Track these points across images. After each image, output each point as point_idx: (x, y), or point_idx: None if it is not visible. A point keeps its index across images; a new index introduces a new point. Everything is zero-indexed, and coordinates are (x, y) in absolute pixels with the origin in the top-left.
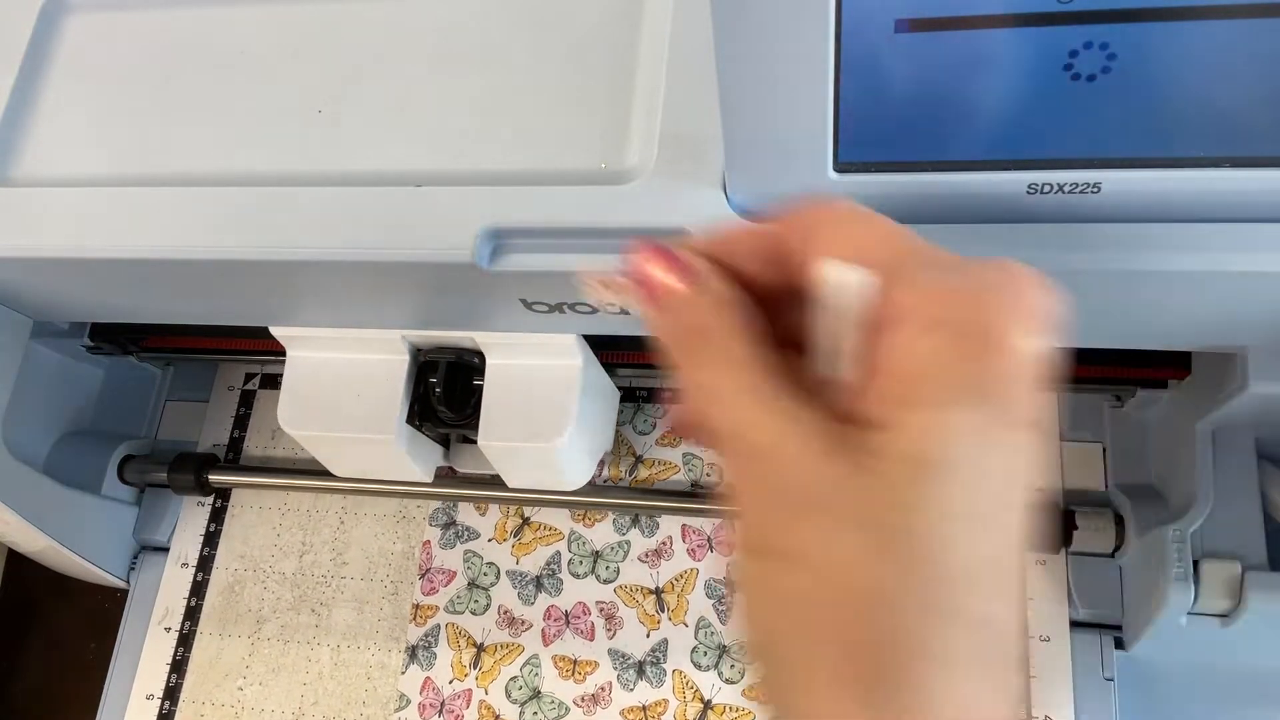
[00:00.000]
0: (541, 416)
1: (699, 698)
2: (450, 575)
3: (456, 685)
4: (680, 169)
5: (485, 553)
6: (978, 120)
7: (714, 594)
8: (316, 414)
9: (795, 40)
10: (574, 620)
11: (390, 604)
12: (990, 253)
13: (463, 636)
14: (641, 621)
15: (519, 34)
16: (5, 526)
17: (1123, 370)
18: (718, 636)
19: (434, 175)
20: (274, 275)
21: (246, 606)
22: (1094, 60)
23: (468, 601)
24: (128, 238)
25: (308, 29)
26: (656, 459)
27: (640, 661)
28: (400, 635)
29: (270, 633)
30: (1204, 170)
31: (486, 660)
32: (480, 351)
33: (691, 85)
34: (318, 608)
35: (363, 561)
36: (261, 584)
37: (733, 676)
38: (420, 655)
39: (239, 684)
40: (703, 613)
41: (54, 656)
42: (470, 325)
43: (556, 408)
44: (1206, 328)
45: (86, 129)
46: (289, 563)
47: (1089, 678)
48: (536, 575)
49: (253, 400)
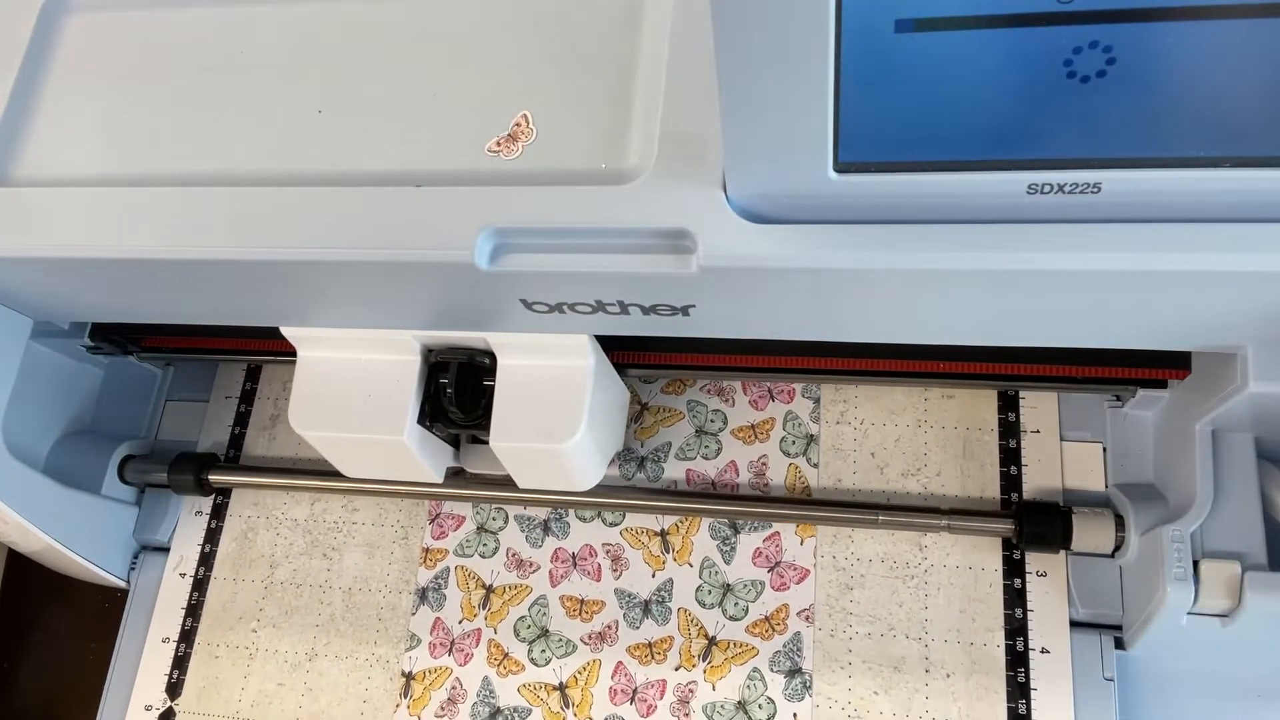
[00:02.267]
0: (553, 417)
1: (704, 634)
2: (459, 520)
3: (466, 625)
4: (680, 169)
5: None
6: (978, 120)
7: (718, 535)
8: (327, 415)
9: (795, 40)
10: (581, 562)
11: (400, 548)
12: (990, 252)
13: (472, 578)
14: (647, 562)
15: (519, 34)
16: (5, 526)
17: (1123, 370)
18: (722, 576)
19: (434, 175)
20: (273, 275)
21: (259, 552)
22: (1094, 60)
23: (476, 545)
24: (128, 238)
25: (308, 29)
26: (662, 405)
27: (646, 600)
28: (410, 577)
29: (283, 576)
30: (1204, 170)
31: (495, 601)
32: (491, 352)
33: (691, 85)
34: (329, 552)
35: (373, 508)
36: (274, 530)
37: (736, 614)
38: (430, 596)
39: (253, 626)
40: (707, 553)
41: (54, 657)
42: (476, 325)
43: (568, 408)
44: (1206, 328)
45: (86, 129)
46: (301, 509)
47: (1089, 678)
48: (544, 519)
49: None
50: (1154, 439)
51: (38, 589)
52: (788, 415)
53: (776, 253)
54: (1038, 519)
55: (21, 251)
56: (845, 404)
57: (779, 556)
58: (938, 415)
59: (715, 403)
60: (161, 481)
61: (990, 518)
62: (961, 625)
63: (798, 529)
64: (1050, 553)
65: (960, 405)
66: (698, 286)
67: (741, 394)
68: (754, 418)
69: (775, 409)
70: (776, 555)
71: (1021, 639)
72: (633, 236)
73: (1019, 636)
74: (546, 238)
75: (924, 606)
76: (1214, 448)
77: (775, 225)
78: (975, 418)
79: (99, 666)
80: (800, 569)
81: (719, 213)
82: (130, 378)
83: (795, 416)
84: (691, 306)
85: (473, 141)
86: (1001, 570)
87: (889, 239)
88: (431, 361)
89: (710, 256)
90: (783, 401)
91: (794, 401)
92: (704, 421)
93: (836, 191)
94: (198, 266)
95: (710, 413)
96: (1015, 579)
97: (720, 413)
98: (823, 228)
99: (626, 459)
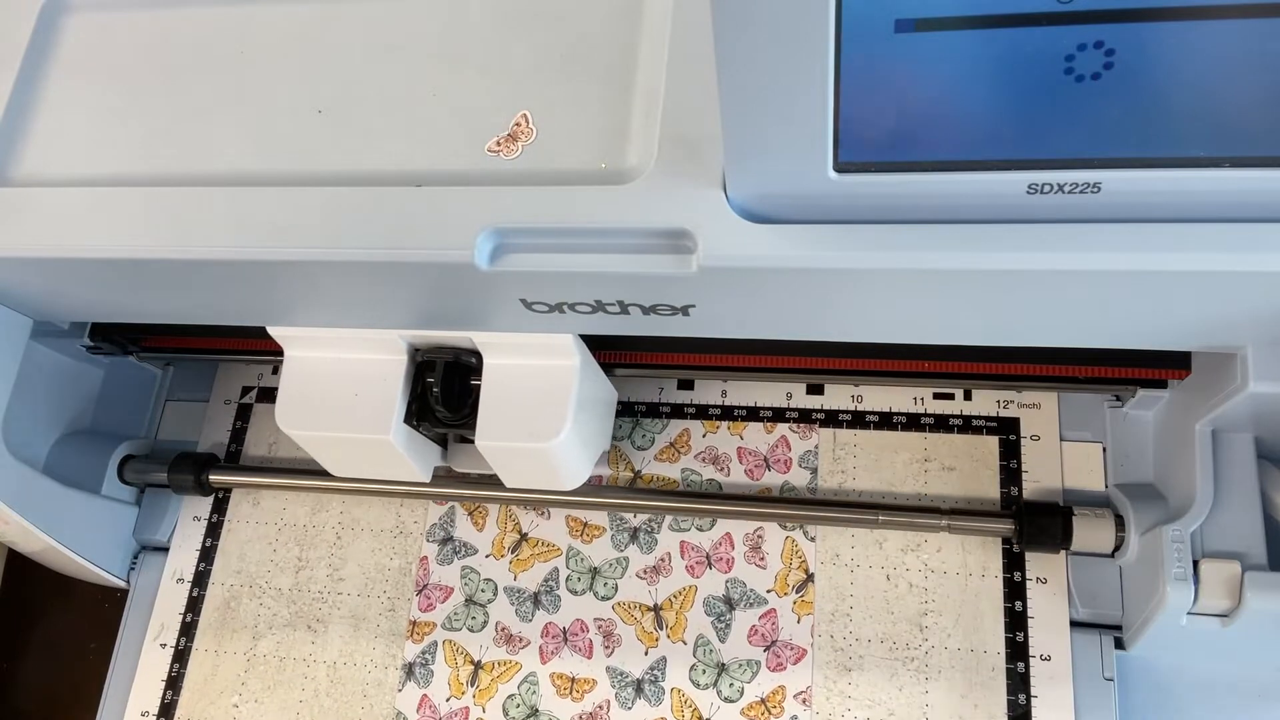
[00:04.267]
0: (538, 416)
1: (697, 716)
2: (447, 591)
3: (454, 703)
4: (680, 169)
5: (483, 569)
6: (978, 120)
7: (713, 611)
8: (314, 414)
9: (795, 40)
10: (572, 637)
11: (387, 620)
12: (990, 252)
13: (460, 653)
14: (639, 639)
15: (519, 34)
16: (5, 526)
17: (1123, 370)
18: (716, 654)
19: (434, 175)
20: (273, 275)
21: (242, 622)
22: (1094, 60)
23: (465, 618)
24: (127, 237)
25: (308, 29)
26: (656, 474)
27: (638, 679)
28: (397, 652)
29: (266, 649)
30: (1204, 170)
31: (484, 678)
32: (477, 351)
33: (691, 85)
34: (314, 624)
35: (359, 577)
36: (258, 599)
37: (731, 695)
38: (417, 672)
39: (234, 701)
40: (701, 630)
41: (54, 656)
42: (468, 325)
43: (553, 408)
44: (1206, 328)
45: (86, 129)
46: (285, 578)
47: (1089, 678)
48: (534, 592)
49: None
50: (1154, 439)
51: (38, 589)
52: (784, 486)
53: (776, 253)
54: (1038, 519)
55: (21, 251)
56: (844, 474)
57: (775, 635)
58: (938, 486)
59: (710, 471)
60: (161, 481)
61: (990, 518)
62: (964, 712)
63: (794, 606)
64: (1050, 553)
65: (962, 480)
66: (698, 286)
67: (737, 462)
68: (750, 487)
69: (771, 478)
70: (773, 633)
71: (1023, 663)
72: (633, 236)
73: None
74: (546, 238)
75: (924, 691)
76: (1214, 448)
77: (775, 225)
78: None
79: (99, 667)
80: (797, 649)
81: (719, 213)
82: (130, 378)
83: (791, 488)
84: (691, 306)
85: (473, 141)
86: (1004, 651)
87: (889, 239)
88: (418, 361)
89: (710, 256)
90: (779, 471)
91: (790, 471)
92: (700, 488)
93: (836, 191)
94: (197, 266)
95: (705, 482)
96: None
97: (715, 482)
98: (823, 228)
99: (619, 529)
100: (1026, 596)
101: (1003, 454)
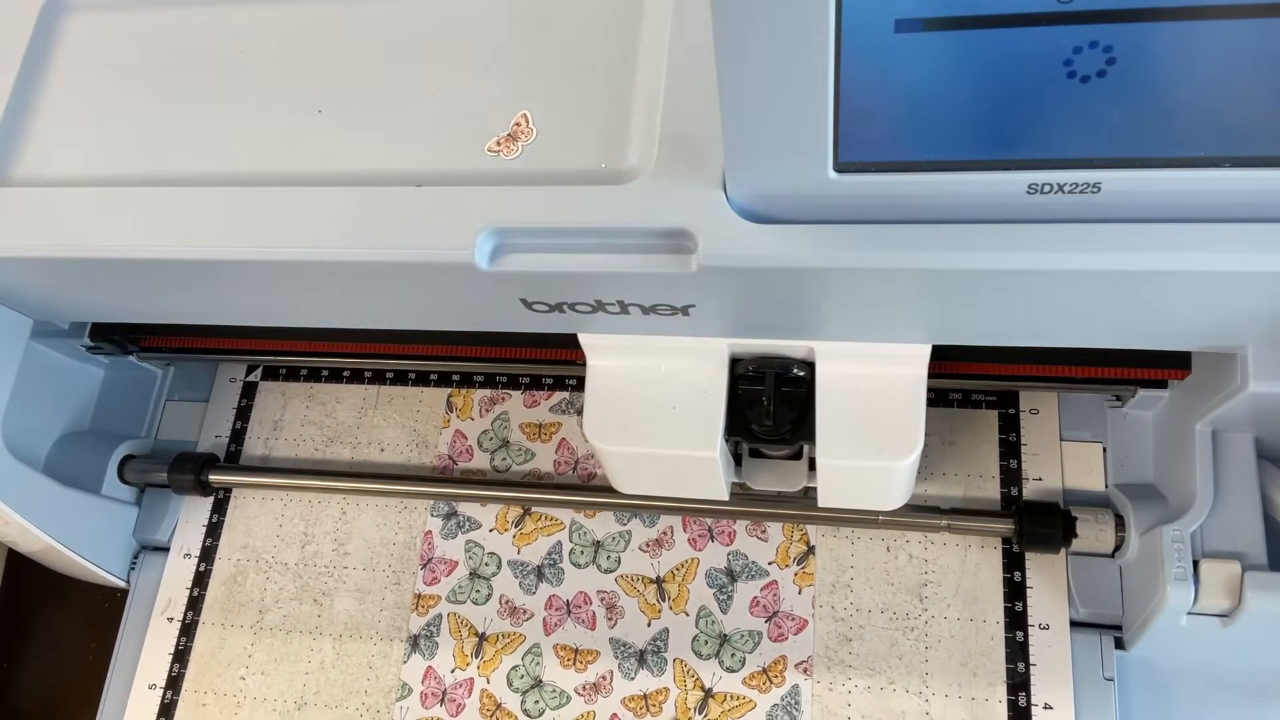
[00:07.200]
0: (887, 432)
1: (700, 686)
2: (452, 565)
3: (458, 674)
4: (680, 169)
5: (486, 543)
6: (978, 120)
7: (714, 583)
8: (629, 429)
9: (795, 40)
10: (575, 610)
11: (392, 594)
12: (990, 252)
13: (464, 626)
14: (642, 610)
15: (519, 34)
16: (5, 526)
17: (1123, 370)
18: (718, 625)
19: (434, 175)
20: (273, 275)
21: (249, 596)
22: (1094, 60)
23: (469, 591)
24: (128, 237)
25: (308, 29)
26: None
27: (641, 650)
28: (402, 625)
29: (272, 622)
30: (1204, 170)
31: (488, 649)
32: (804, 360)
33: (691, 85)
34: (320, 598)
35: (365, 552)
36: (264, 574)
37: (733, 665)
38: (422, 644)
39: (241, 673)
40: (703, 602)
41: (54, 656)
42: (803, 333)
43: (904, 422)
44: (1206, 328)
45: (86, 129)
46: (291, 553)
47: (1089, 678)
48: (538, 565)
49: (254, 392)
50: (1154, 439)
51: (38, 589)
52: None
53: (776, 253)
54: (1038, 519)
55: (21, 251)
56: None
57: (776, 606)
58: (939, 463)
59: None
60: (161, 481)
61: (990, 518)
62: (963, 680)
63: (795, 578)
64: (1050, 553)
65: (961, 456)
66: (698, 286)
67: None
68: None
69: None
70: (774, 605)
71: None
72: (633, 236)
73: (1022, 689)
74: (547, 238)
75: (924, 660)
76: (1214, 448)
77: (775, 225)
78: None
79: (99, 666)
80: (799, 619)
81: (719, 213)
82: (130, 378)
83: None
84: (691, 306)
85: (473, 141)
86: (1003, 624)
87: (889, 239)
88: (739, 372)
89: (710, 256)
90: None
91: None
92: None
93: (836, 191)
94: (197, 266)
95: None
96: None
97: None
98: (823, 228)
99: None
100: (1025, 568)
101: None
